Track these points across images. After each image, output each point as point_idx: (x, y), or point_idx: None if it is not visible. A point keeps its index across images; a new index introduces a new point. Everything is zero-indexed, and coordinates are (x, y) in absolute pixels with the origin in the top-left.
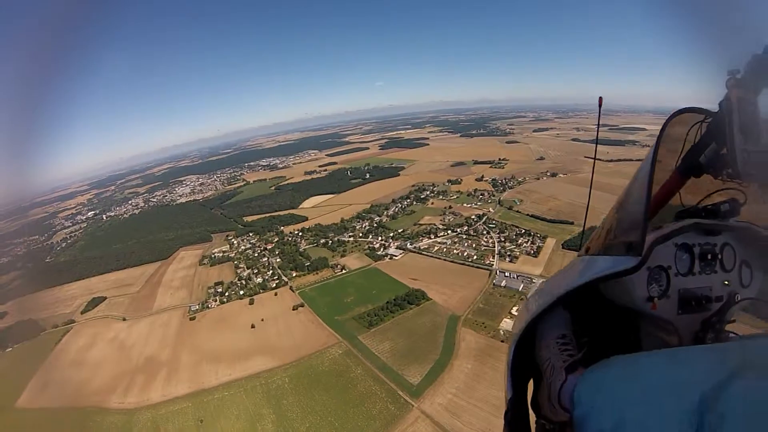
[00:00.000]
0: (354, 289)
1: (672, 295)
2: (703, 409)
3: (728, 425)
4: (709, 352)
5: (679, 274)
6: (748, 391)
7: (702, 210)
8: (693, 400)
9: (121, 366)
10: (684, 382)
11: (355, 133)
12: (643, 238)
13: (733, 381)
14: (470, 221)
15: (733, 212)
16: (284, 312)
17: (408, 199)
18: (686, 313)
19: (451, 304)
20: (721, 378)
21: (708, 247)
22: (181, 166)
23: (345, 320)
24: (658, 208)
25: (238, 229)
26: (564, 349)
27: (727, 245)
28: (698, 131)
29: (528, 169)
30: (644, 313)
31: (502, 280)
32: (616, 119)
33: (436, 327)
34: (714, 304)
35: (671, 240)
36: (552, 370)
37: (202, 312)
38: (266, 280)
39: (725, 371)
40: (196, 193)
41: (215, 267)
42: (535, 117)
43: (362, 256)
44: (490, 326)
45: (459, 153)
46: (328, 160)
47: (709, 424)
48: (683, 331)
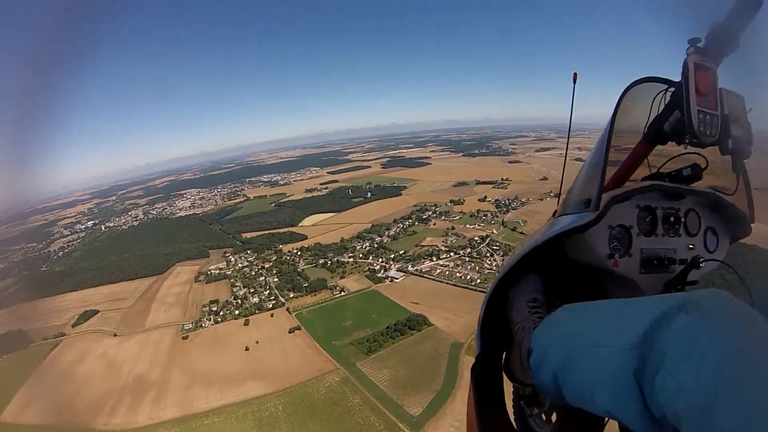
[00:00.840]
0: (353, 312)
1: (634, 254)
2: (644, 346)
3: (669, 361)
4: (654, 299)
5: (641, 234)
6: (687, 330)
7: (665, 175)
8: (634, 337)
9: (109, 384)
10: (627, 323)
11: (357, 151)
12: (600, 194)
13: (673, 321)
14: (473, 243)
15: (695, 177)
16: (280, 335)
17: (410, 219)
18: (649, 272)
19: (454, 330)
20: (660, 318)
21: (671, 210)
22: (183, 179)
23: (343, 345)
24: (626, 176)
25: (236, 245)
26: (534, 312)
27: (692, 211)
28: (662, 100)
29: (531, 190)
30: (608, 272)
31: None
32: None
33: (438, 355)
34: (677, 266)
35: (633, 200)
36: (523, 333)
37: (196, 331)
38: (262, 300)
39: (666, 313)
40: (196, 207)
41: (211, 284)
42: (538, 137)
43: (362, 278)
44: None
45: (461, 173)
46: (330, 177)
47: (651, 360)
48: (647, 291)
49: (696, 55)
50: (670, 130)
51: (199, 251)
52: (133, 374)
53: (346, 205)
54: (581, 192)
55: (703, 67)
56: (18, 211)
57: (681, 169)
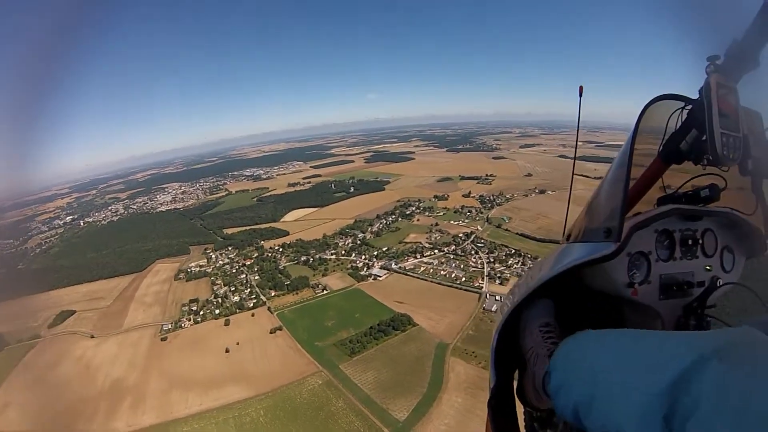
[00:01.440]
0: (335, 311)
1: (653, 281)
2: (676, 390)
3: (702, 410)
4: (684, 337)
5: (660, 259)
6: (722, 381)
7: (682, 196)
8: (666, 381)
9: (85, 389)
10: (658, 365)
11: (340, 146)
12: (621, 224)
13: (705, 367)
14: (458, 240)
15: (713, 197)
16: (261, 335)
17: (393, 215)
18: (668, 298)
19: (439, 330)
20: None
21: (689, 232)
22: (165, 173)
23: (325, 346)
24: (639, 195)
25: (217, 242)
26: (548, 337)
27: (709, 231)
28: (678, 118)
29: (516, 186)
30: (626, 299)
31: (493, 305)
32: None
33: (423, 356)
34: (696, 289)
35: (651, 226)
36: (536, 358)
37: (175, 332)
38: (243, 299)
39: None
40: (177, 202)
41: (191, 282)
42: (522, 133)
43: (344, 275)
44: (481, 356)
45: (445, 168)
46: (313, 172)
47: (682, 405)
48: (666, 316)
49: (717, 75)
50: (687, 149)
51: (180, 248)
52: (111, 378)
53: (329, 199)
54: (600, 219)
55: (725, 87)
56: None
57: (698, 190)
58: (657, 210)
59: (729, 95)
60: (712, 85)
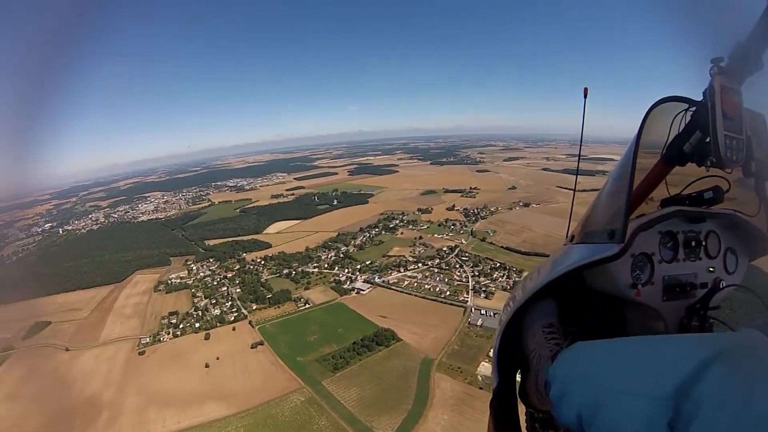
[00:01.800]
0: (318, 326)
1: (656, 282)
2: (678, 396)
3: (703, 412)
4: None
5: (663, 261)
6: (722, 381)
7: (686, 198)
8: (668, 387)
9: (59, 405)
10: (660, 369)
11: (324, 158)
12: (625, 225)
13: (707, 370)
14: (442, 253)
15: (717, 199)
16: (242, 350)
17: (376, 228)
18: (671, 299)
19: (424, 345)
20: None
21: (692, 234)
22: (148, 182)
23: (308, 362)
24: (643, 197)
25: (198, 253)
26: (550, 338)
27: (712, 232)
28: (682, 120)
29: (500, 199)
30: (629, 300)
31: (478, 319)
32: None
33: (407, 372)
34: (699, 290)
35: (655, 227)
36: (538, 359)
37: (153, 346)
38: (224, 312)
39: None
40: (159, 211)
41: (171, 294)
42: (505, 146)
43: (327, 289)
44: (466, 371)
45: (429, 181)
46: (296, 183)
47: (686, 410)
48: (668, 318)
49: (721, 77)
50: (691, 151)
51: (160, 258)
52: (85, 394)
53: (312, 212)
54: (604, 221)
55: (728, 90)
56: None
57: (702, 192)
58: (661, 212)
59: (733, 97)
60: (716, 87)
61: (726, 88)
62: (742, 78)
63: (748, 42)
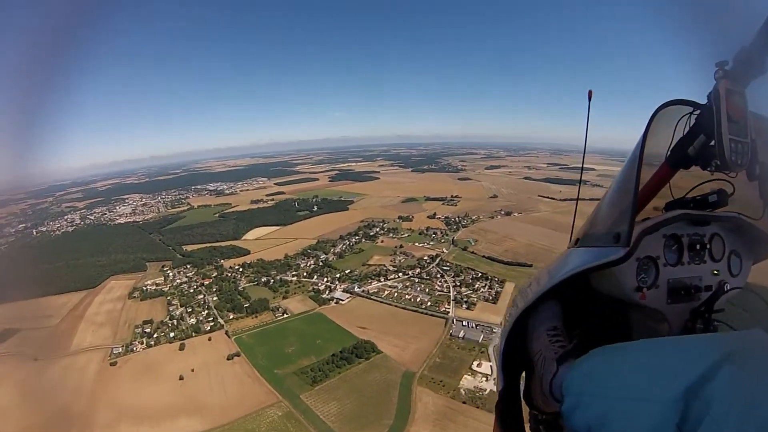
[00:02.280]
0: (296, 337)
1: (661, 285)
2: (689, 396)
3: (713, 411)
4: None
5: (668, 264)
6: (732, 381)
7: (690, 201)
8: (679, 388)
9: (25, 419)
10: (670, 371)
11: (305, 163)
12: (631, 229)
13: (717, 371)
14: (423, 263)
15: (721, 202)
16: (218, 361)
17: (356, 235)
18: (675, 302)
19: (405, 358)
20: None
21: (697, 237)
22: (127, 183)
23: (286, 375)
24: (647, 200)
25: (175, 259)
26: (555, 341)
27: (716, 235)
28: (687, 123)
29: (481, 207)
30: (634, 303)
31: (460, 330)
32: (566, 159)
33: (388, 385)
34: (703, 293)
35: (660, 231)
36: (543, 362)
37: (126, 356)
38: (200, 321)
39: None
40: (137, 214)
41: (146, 302)
42: (487, 154)
43: (306, 298)
44: (449, 385)
45: (410, 188)
46: (277, 189)
47: (695, 411)
48: (673, 321)
49: (726, 81)
50: (695, 155)
51: (136, 264)
52: (54, 407)
53: (292, 218)
54: (609, 224)
55: (733, 93)
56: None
57: (706, 195)
58: (666, 215)
59: (738, 101)
60: (721, 91)
61: (731, 91)
62: (747, 81)
63: (752, 46)
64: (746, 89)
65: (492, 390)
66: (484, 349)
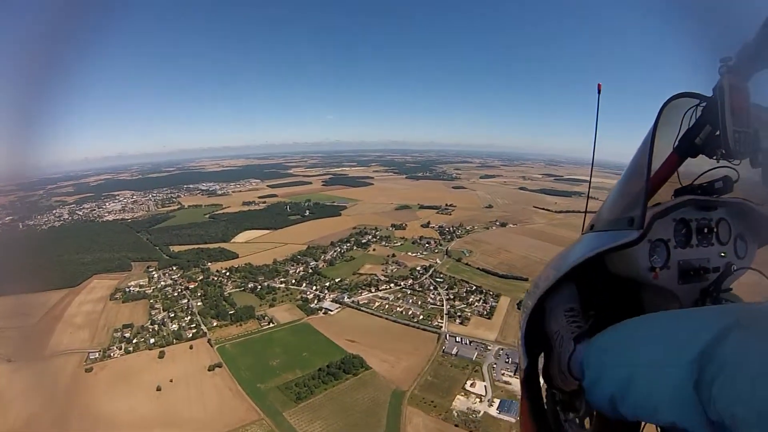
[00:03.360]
0: (282, 349)
1: (672, 266)
2: (703, 359)
3: (726, 371)
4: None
5: (678, 246)
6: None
7: (698, 188)
8: (694, 352)
9: None
10: (685, 337)
11: (299, 166)
12: (644, 213)
13: (728, 334)
14: (415, 273)
15: (726, 189)
16: (198, 372)
17: (348, 243)
18: (686, 282)
19: (395, 375)
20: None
21: (704, 221)
22: (119, 179)
23: (269, 389)
24: (657, 187)
25: (162, 259)
26: (572, 321)
27: (723, 220)
28: (693, 115)
29: (476, 217)
30: (647, 283)
31: (453, 347)
32: (561, 170)
33: (377, 405)
34: (712, 274)
35: (670, 215)
36: (561, 341)
37: (103, 362)
38: (182, 327)
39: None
40: (127, 212)
41: (128, 304)
42: (482, 163)
43: (293, 307)
44: (440, 405)
45: (404, 195)
46: (269, 191)
47: (710, 372)
48: (684, 300)
49: (730, 76)
50: (702, 144)
51: (121, 263)
52: (25, 414)
53: (283, 222)
54: (622, 209)
55: (737, 87)
56: None
57: (713, 182)
58: (675, 200)
59: (741, 94)
60: (725, 85)
61: (734, 85)
62: (749, 75)
63: (754, 42)
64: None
65: (486, 413)
66: (478, 367)
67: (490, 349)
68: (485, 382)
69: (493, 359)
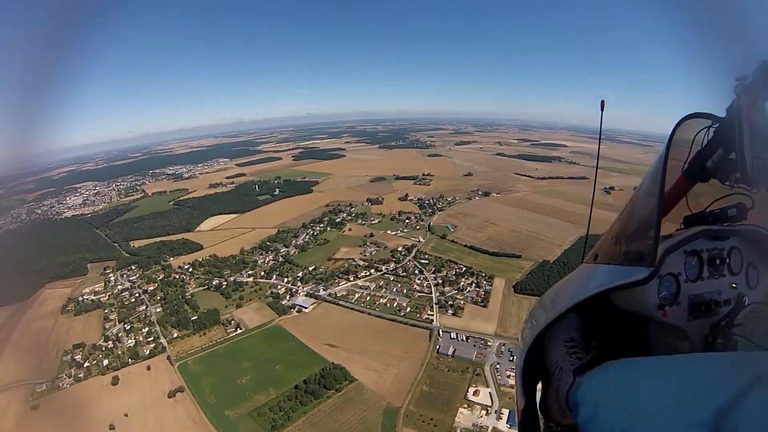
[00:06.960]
0: (251, 362)
1: (682, 302)
2: (718, 420)
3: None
4: (721, 363)
5: (688, 280)
6: (762, 406)
7: (709, 215)
8: (709, 411)
9: None
10: (698, 392)
11: (270, 141)
12: (656, 249)
13: (748, 394)
14: (397, 255)
15: (740, 217)
16: (157, 401)
17: (321, 223)
18: (696, 318)
19: (385, 387)
20: (736, 390)
21: (716, 252)
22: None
23: (239, 417)
24: (665, 212)
25: (120, 258)
26: (572, 352)
27: (735, 249)
28: (705, 136)
29: (456, 187)
30: (654, 319)
31: (449, 346)
32: (535, 135)
33: (366, 428)
34: (723, 308)
35: (682, 248)
36: (560, 373)
37: (50, 396)
38: (139, 342)
39: (740, 384)
40: (88, 205)
41: (80, 317)
42: (455, 130)
43: (263, 306)
44: (441, 423)
45: (378, 166)
46: (237, 170)
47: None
48: (694, 337)
49: (746, 96)
50: (714, 168)
51: (76, 267)
52: None
53: (251, 204)
54: (631, 242)
55: (754, 108)
56: None
57: (726, 209)
58: (687, 232)
59: (758, 116)
60: (742, 105)
61: (751, 106)
62: (766, 95)
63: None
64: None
65: (495, 428)
66: (479, 369)
67: (491, 344)
68: (490, 388)
69: (495, 358)
